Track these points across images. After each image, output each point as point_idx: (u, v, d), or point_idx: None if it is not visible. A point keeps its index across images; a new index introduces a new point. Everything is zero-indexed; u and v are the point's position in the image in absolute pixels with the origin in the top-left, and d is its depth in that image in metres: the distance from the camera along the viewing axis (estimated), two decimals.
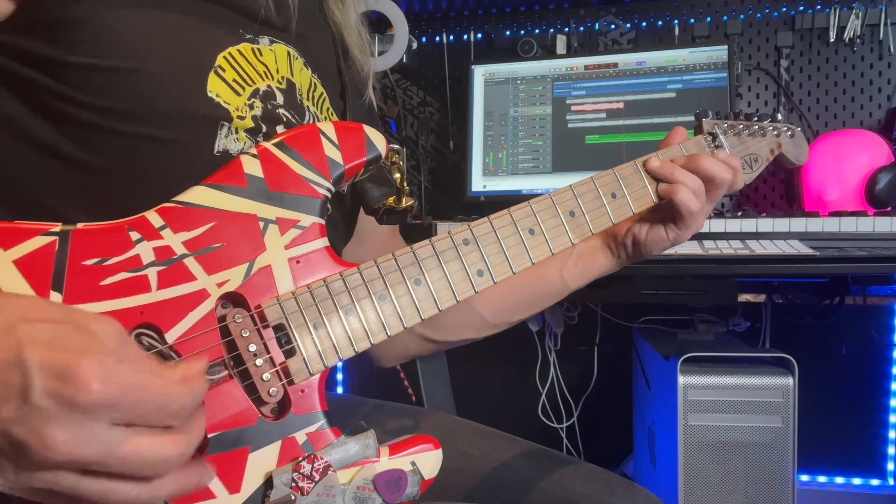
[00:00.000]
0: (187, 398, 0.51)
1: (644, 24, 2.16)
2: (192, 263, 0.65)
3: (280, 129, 0.76)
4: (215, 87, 0.71)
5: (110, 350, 0.48)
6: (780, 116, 1.05)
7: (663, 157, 0.92)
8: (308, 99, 0.84)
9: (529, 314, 1.08)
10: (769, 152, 1.02)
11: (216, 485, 0.63)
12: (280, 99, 0.78)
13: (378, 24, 2.08)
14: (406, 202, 0.84)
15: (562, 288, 1.04)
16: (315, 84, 0.88)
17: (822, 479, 2.21)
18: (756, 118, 1.02)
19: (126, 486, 0.49)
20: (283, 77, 0.80)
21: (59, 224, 0.61)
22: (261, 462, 0.65)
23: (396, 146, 0.78)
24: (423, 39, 2.30)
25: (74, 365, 0.45)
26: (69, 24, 0.65)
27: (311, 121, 0.83)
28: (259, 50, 0.77)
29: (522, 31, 2.23)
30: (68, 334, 0.47)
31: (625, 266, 1.03)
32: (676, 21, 2.14)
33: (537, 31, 2.23)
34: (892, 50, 1.98)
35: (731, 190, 0.94)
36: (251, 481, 0.65)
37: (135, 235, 0.63)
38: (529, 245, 0.82)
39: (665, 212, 0.94)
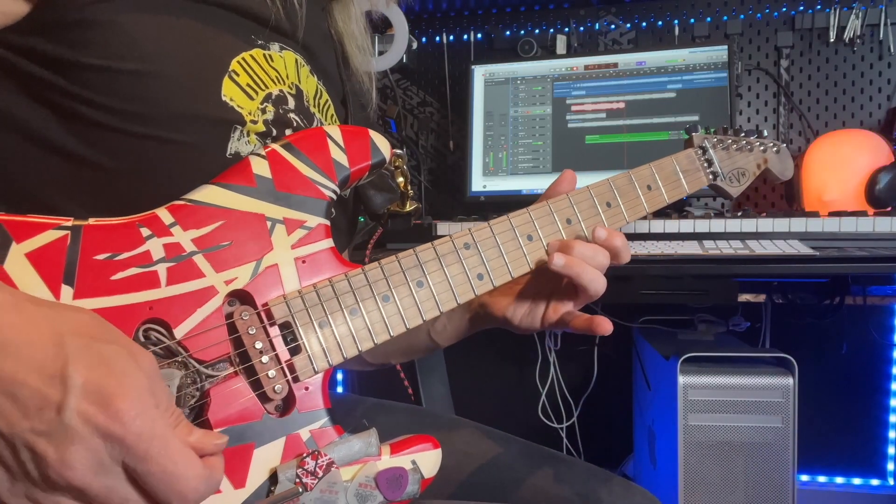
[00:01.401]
0: (198, 483, 0.52)
1: (644, 24, 2.17)
2: (200, 260, 0.65)
3: (289, 132, 0.77)
4: (229, 92, 0.71)
5: (148, 388, 0.49)
6: (766, 133, 1.07)
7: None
8: (314, 105, 0.85)
9: (407, 360, 1.11)
10: (756, 167, 1.04)
11: (222, 480, 0.63)
12: (291, 103, 0.79)
13: (378, 24, 2.08)
14: (410, 206, 0.85)
15: (432, 345, 1.03)
16: (321, 91, 0.88)
17: (822, 479, 2.21)
18: (744, 133, 1.04)
19: None
20: (292, 83, 0.81)
21: (71, 219, 0.61)
22: (265, 458, 0.66)
23: (400, 151, 0.79)
24: (423, 39, 2.30)
25: (117, 395, 0.46)
26: (84, 26, 0.66)
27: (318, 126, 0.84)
28: (270, 56, 0.78)
29: (522, 31, 2.24)
30: (115, 358, 0.48)
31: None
32: (676, 21, 2.14)
33: (537, 31, 2.23)
34: (892, 50, 1.99)
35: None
36: (256, 476, 0.65)
37: (145, 232, 0.64)
38: (527, 251, 0.83)
39: (546, 291, 0.91)
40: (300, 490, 0.65)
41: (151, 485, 0.49)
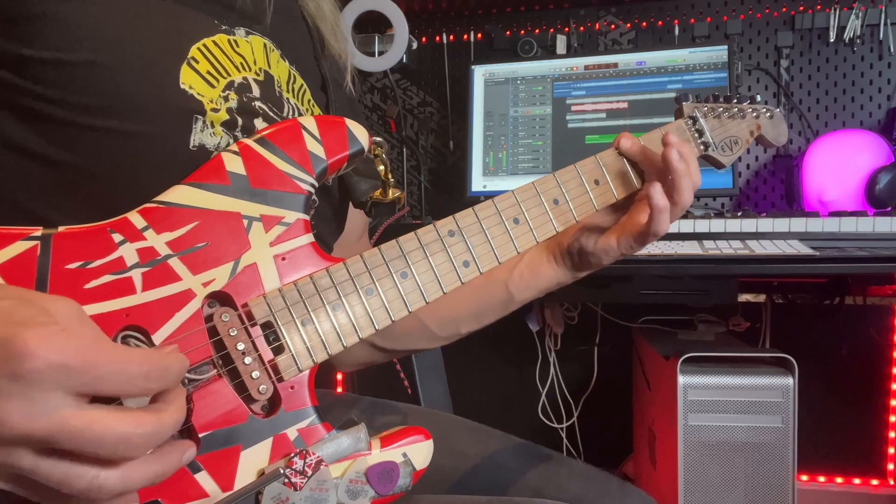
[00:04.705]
0: (148, 361, 0.50)
1: (644, 24, 2.16)
2: (176, 264, 0.64)
3: (258, 121, 0.75)
4: (188, 79, 0.70)
5: (60, 322, 0.47)
6: (759, 98, 1.04)
7: (646, 143, 0.90)
8: (288, 91, 0.83)
9: (477, 326, 1.05)
10: (749, 134, 1.01)
11: (209, 483, 0.63)
12: (256, 91, 0.77)
13: (378, 24, 2.08)
14: (392, 194, 0.84)
15: (507, 300, 1.00)
16: (294, 76, 0.86)
17: (822, 479, 2.21)
18: (735, 100, 1.01)
19: (90, 471, 0.48)
20: (260, 69, 0.79)
21: (41, 228, 0.60)
22: (253, 459, 0.65)
23: (379, 139, 0.78)
24: (423, 39, 2.30)
25: (14, 335, 0.44)
26: (33, 19, 0.64)
27: (290, 113, 0.82)
28: (235, 41, 0.76)
29: (522, 31, 2.24)
30: (12, 308, 0.46)
31: (576, 280, 0.99)
32: (676, 21, 2.14)
33: (537, 31, 2.23)
34: (892, 50, 1.98)
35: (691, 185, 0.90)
36: (244, 479, 0.65)
37: (117, 237, 0.63)
38: (514, 234, 0.82)
39: (621, 215, 0.92)
40: (288, 491, 0.65)
41: (108, 390, 0.48)
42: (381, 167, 0.81)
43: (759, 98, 1.64)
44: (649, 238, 0.89)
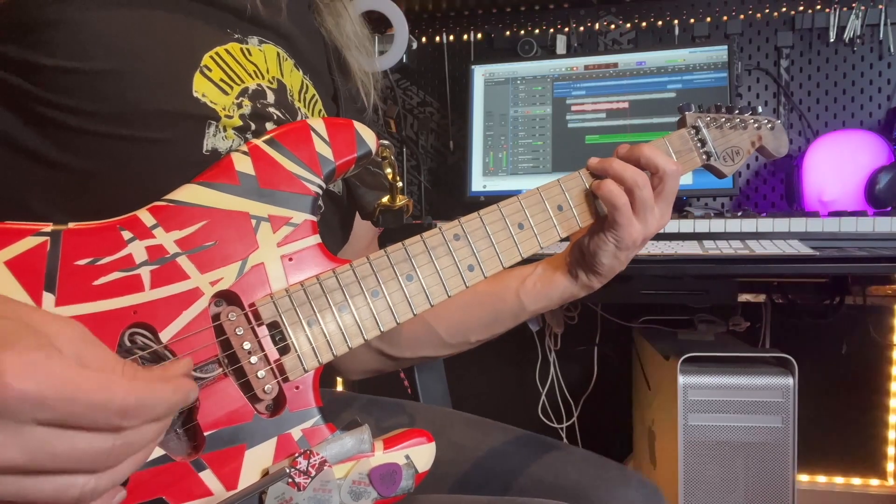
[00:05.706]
0: (134, 395, 0.46)
1: (644, 24, 2.16)
2: (184, 262, 0.64)
3: (270, 126, 0.76)
4: (201, 87, 0.70)
5: (55, 348, 0.44)
6: (760, 109, 1.04)
7: (648, 148, 0.89)
8: (300, 100, 0.84)
9: (487, 335, 1.03)
10: (750, 145, 1.01)
11: (213, 482, 0.63)
12: (271, 98, 0.77)
13: (378, 24, 2.08)
14: (400, 200, 0.84)
15: (519, 309, 0.99)
16: (307, 86, 0.87)
17: (822, 479, 2.21)
18: (737, 111, 1.01)
19: (80, 478, 0.45)
20: (273, 77, 0.79)
21: (51, 224, 0.60)
22: (257, 458, 0.65)
23: (386, 142, 0.78)
24: (423, 39, 2.30)
25: None
26: (48, 27, 0.64)
27: None
28: (248, 50, 0.77)
29: (522, 31, 2.24)
30: (7, 329, 0.43)
31: (593, 291, 0.97)
32: (676, 21, 2.14)
33: (537, 31, 2.23)
34: (892, 50, 1.98)
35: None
36: (248, 478, 0.65)
37: (127, 234, 0.63)
38: (519, 239, 0.82)
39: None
40: (292, 491, 0.65)
41: (80, 426, 0.44)
42: (389, 170, 0.81)
43: (759, 99, 1.64)
44: (622, 230, 0.88)
